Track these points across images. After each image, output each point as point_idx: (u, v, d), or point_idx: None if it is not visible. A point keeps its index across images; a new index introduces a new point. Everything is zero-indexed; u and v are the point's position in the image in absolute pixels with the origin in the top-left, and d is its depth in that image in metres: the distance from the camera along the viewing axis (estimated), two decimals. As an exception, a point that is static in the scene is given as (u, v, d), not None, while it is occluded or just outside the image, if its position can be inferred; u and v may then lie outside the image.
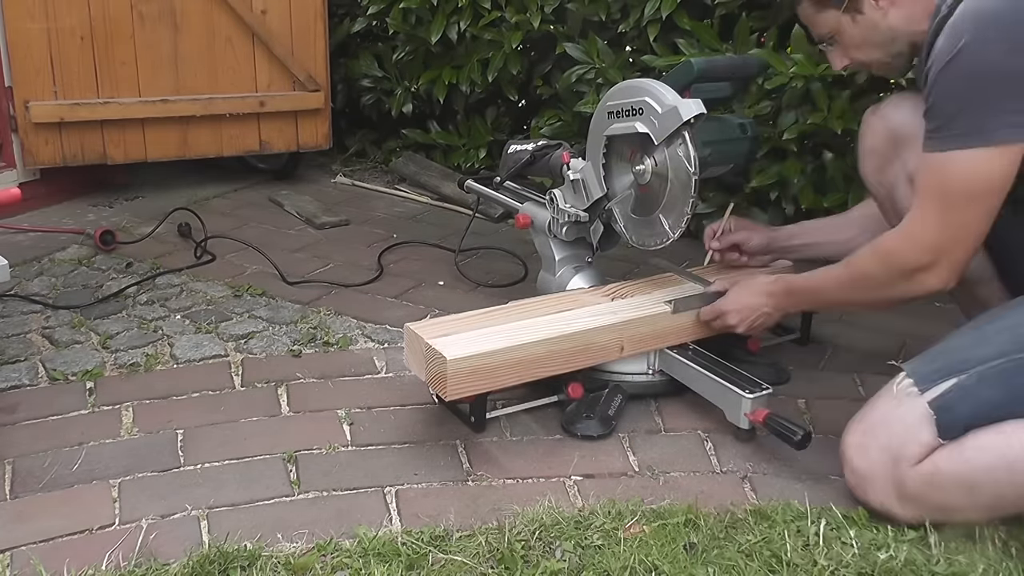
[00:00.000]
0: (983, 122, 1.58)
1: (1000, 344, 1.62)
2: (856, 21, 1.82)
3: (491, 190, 2.55)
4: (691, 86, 1.99)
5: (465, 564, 1.55)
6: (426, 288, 2.68)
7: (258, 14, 3.33)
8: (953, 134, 1.61)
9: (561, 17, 3.14)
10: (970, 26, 1.58)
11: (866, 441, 1.66)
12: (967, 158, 1.60)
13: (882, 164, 1.94)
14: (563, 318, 2.00)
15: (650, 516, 1.68)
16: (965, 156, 1.60)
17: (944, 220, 1.64)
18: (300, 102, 3.46)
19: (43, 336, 2.35)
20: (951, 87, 1.60)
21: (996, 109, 1.58)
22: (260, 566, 1.54)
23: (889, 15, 1.78)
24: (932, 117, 1.64)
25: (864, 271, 1.78)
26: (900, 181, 1.90)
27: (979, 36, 1.57)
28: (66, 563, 1.55)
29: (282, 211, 3.34)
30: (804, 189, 2.72)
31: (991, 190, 1.61)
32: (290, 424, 2.00)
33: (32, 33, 3.05)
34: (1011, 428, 1.57)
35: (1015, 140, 1.58)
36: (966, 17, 1.60)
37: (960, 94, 1.60)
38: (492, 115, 3.58)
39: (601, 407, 1.98)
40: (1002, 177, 1.60)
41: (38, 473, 1.80)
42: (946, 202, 1.63)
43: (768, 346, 2.27)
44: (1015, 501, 1.57)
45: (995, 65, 1.57)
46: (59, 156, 3.19)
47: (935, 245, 1.66)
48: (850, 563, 1.56)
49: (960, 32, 1.59)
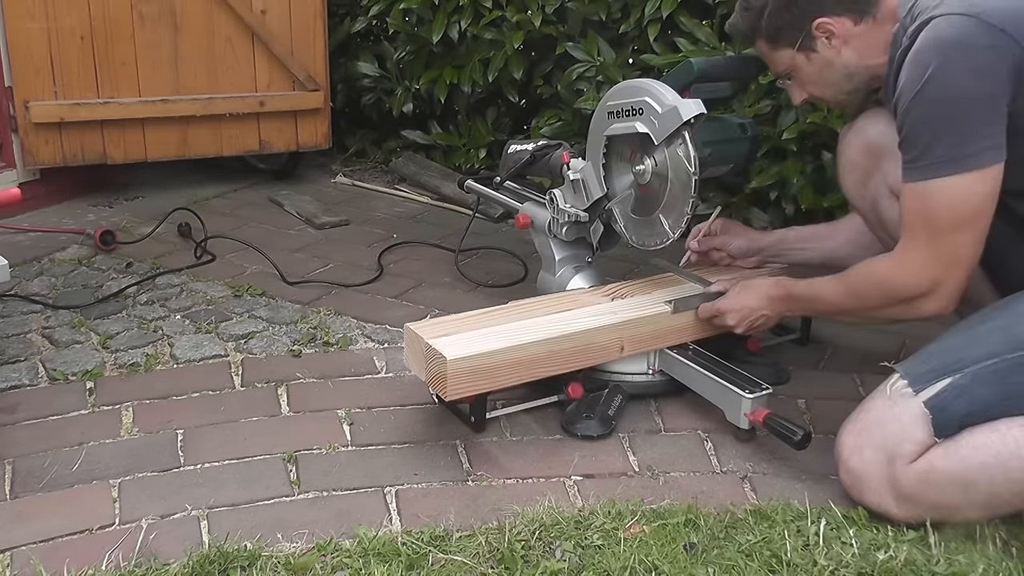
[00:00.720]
0: (960, 148, 1.58)
1: (993, 344, 1.62)
2: (811, 59, 1.85)
3: (491, 190, 2.55)
4: (691, 86, 1.99)
5: (465, 564, 1.55)
6: (426, 288, 2.68)
7: (258, 14, 3.33)
8: (931, 163, 1.60)
9: (562, 17, 3.15)
10: (935, 54, 1.58)
11: (861, 441, 1.67)
12: (949, 186, 1.60)
13: (863, 178, 1.95)
14: (563, 318, 2.00)
15: (650, 516, 1.68)
16: (947, 184, 1.60)
17: (934, 249, 1.64)
18: (300, 102, 3.46)
19: (43, 336, 2.35)
20: (923, 116, 1.60)
21: (971, 134, 1.58)
22: (260, 566, 1.54)
23: (842, 53, 1.81)
24: (908, 147, 1.64)
25: (860, 293, 1.78)
26: (882, 194, 1.91)
27: (945, 63, 1.57)
28: (66, 563, 1.55)
29: (282, 211, 3.34)
30: (804, 189, 2.72)
31: (977, 214, 1.61)
32: (290, 424, 2.00)
33: (32, 33, 3.05)
34: (1005, 426, 1.57)
35: (993, 162, 1.58)
36: (928, 46, 1.60)
37: (933, 122, 1.59)
38: (492, 115, 3.58)
39: (601, 407, 1.98)
40: (986, 200, 1.60)
41: (38, 473, 1.80)
42: (934, 231, 1.63)
43: (768, 346, 2.27)
44: (1010, 499, 1.58)
45: (965, 90, 1.57)
46: (59, 156, 3.19)
47: (929, 275, 1.66)
48: (850, 563, 1.56)
49: (925, 61, 1.59)
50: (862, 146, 1.94)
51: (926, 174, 1.61)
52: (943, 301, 1.68)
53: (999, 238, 1.68)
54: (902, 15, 1.72)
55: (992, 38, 1.56)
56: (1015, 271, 1.77)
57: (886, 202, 1.92)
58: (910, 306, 1.70)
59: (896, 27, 1.73)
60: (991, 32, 1.56)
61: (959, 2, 1.61)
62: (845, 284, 1.81)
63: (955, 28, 1.59)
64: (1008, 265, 1.80)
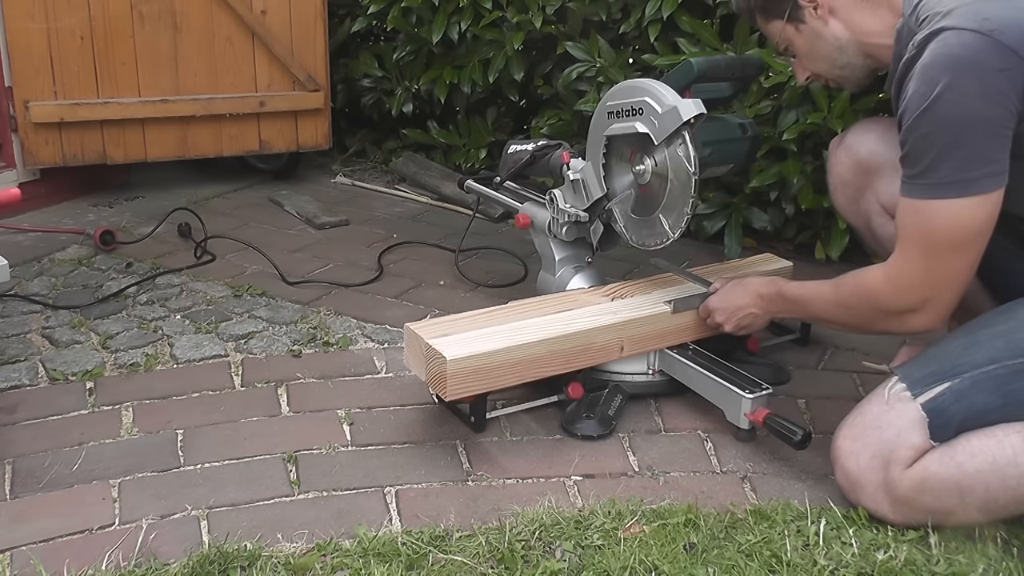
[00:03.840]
0: (964, 172, 1.55)
1: (993, 350, 1.61)
2: (800, 31, 1.83)
3: (491, 190, 2.55)
4: (691, 86, 1.99)
5: (465, 564, 1.55)
6: (426, 288, 2.68)
7: (258, 14, 3.33)
8: (934, 183, 1.57)
9: (562, 17, 3.14)
10: (944, 72, 1.53)
11: (857, 446, 1.66)
12: (950, 208, 1.57)
13: (854, 195, 1.94)
14: (563, 318, 2.00)
15: (650, 516, 1.68)
16: (948, 206, 1.57)
17: (929, 268, 1.62)
18: (300, 102, 3.46)
19: (43, 336, 2.35)
20: (929, 134, 1.56)
21: (976, 158, 1.55)
22: (260, 566, 1.54)
23: (830, 24, 1.79)
24: (910, 163, 1.60)
25: (849, 304, 1.76)
26: (874, 211, 1.90)
27: (955, 83, 1.52)
28: (66, 563, 1.55)
29: (282, 211, 3.34)
30: (804, 189, 2.72)
31: (975, 237, 1.59)
32: (290, 424, 2.00)
33: (32, 33, 3.05)
34: (1003, 432, 1.56)
35: (995, 188, 1.56)
36: (938, 62, 1.55)
37: (939, 142, 1.55)
38: (492, 115, 3.58)
39: (601, 407, 1.98)
40: (985, 224, 1.58)
41: (38, 473, 1.80)
42: (930, 251, 1.61)
43: (768, 346, 2.27)
44: (1007, 505, 1.57)
45: (973, 113, 1.53)
46: (59, 156, 3.19)
47: (920, 292, 1.64)
48: (850, 563, 1.56)
49: (935, 78, 1.54)
50: (852, 164, 1.94)
51: (927, 193, 1.58)
52: (931, 318, 1.66)
53: (998, 252, 1.66)
54: (906, 11, 1.68)
55: (1004, 61, 1.51)
56: (1014, 285, 1.74)
57: (878, 219, 1.92)
58: (898, 320, 1.69)
59: (900, 23, 1.69)
60: (1004, 55, 1.51)
61: (970, 13, 1.55)
62: (835, 291, 1.78)
63: (967, 47, 1.53)
64: (1007, 279, 1.78)
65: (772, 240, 2.94)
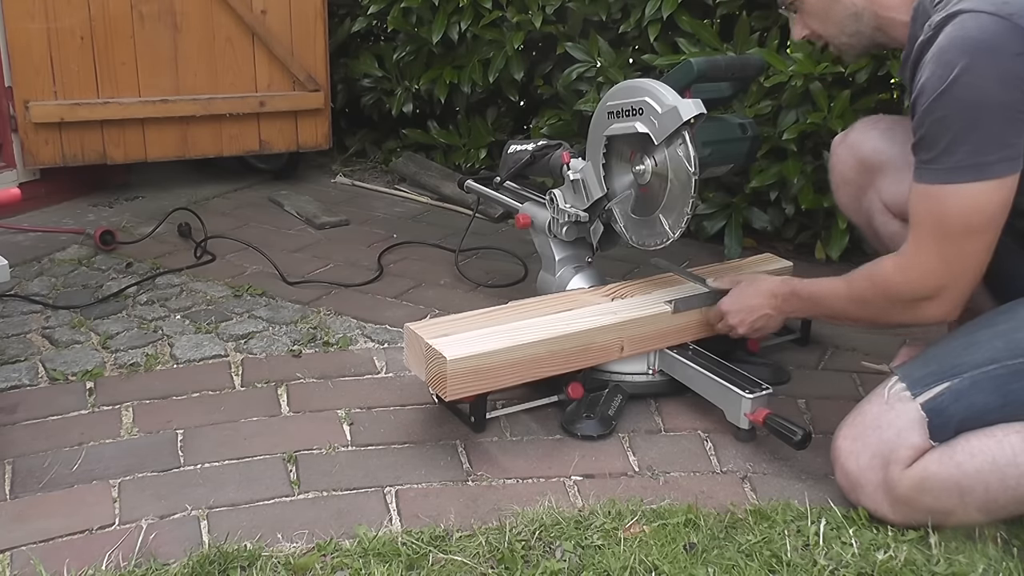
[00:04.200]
0: (980, 156, 1.53)
1: (994, 350, 1.61)
2: None
3: (491, 190, 2.55)
4: (691, 86, 1.99)
5: (465, 564, 1.55)
6: (426, 288, 2.68)
7: (258, 14, 3.33)
8: (948, 167, 1.55)
9: (562, 17, 3.14)
10: (961, 55, 1.52)
11: (857, 446, 1.66)
12: (965, 192, 1.55)
13: (856, 194, 1.93)
14: (563, 318, 2.00)
15: (650, 516, 1.68)
16: (963, 190, 1.55)
17: (943, 254, 1.60)
18: (300, 102, 3.46)
19: (43, 336, 2.35)
20: (945, 118, 1.54)
21: (992, 142, 1.53)
22: (260, 566, 1.54)
23: None
24: (925, 148, 1.58)
25: (863, 297, 1.74)
26: (876, 210, 1.89)
27: (972, 66, 1.51)
28: (66, 563, 1.55)
29: (282, 211, 3.34)
30: (804, 189, 2.72)
31: (990, 223, 1.57)
32: (290, 424, 2.00)
33: (32, 33, 3.05)
34: (1002, 432, 1.56)
35: (1011, 172, 1.54)
36: (955, 45, 1.53)
37: (954, 126, 1.54)
38: (492, 115, 3.58)
39: (601, 407, 1.98)
40: (1000, 209, 1.57)
41: (38, 473, 1.80)
42: (944, 236, 1.59)
43: (768, 346, 2.27)
44: (1006, 504, 1.57)
45: (990, 97, 1.51)
46: (59, 156, 3.19)
47: (935, 280, 1.62)
48: (850, 563, 1.56)
49: (951, 61, 1.52)
50: (855, 162, 1.93)
51: (942, 177, 1.56)
52: (947, 307, 1.64)
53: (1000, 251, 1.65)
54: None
55: (1022, 45, 1.50)
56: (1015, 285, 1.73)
57: (881, 218, 1.91)
58: (913, 310, 1.66)
59: (917, 1, 1.66)
60: (1022, 39, 1.49)
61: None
62: (848, 285, 1.76)
63: (985, 30, 1.51)
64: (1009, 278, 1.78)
65: (772, 240, 2.94)
